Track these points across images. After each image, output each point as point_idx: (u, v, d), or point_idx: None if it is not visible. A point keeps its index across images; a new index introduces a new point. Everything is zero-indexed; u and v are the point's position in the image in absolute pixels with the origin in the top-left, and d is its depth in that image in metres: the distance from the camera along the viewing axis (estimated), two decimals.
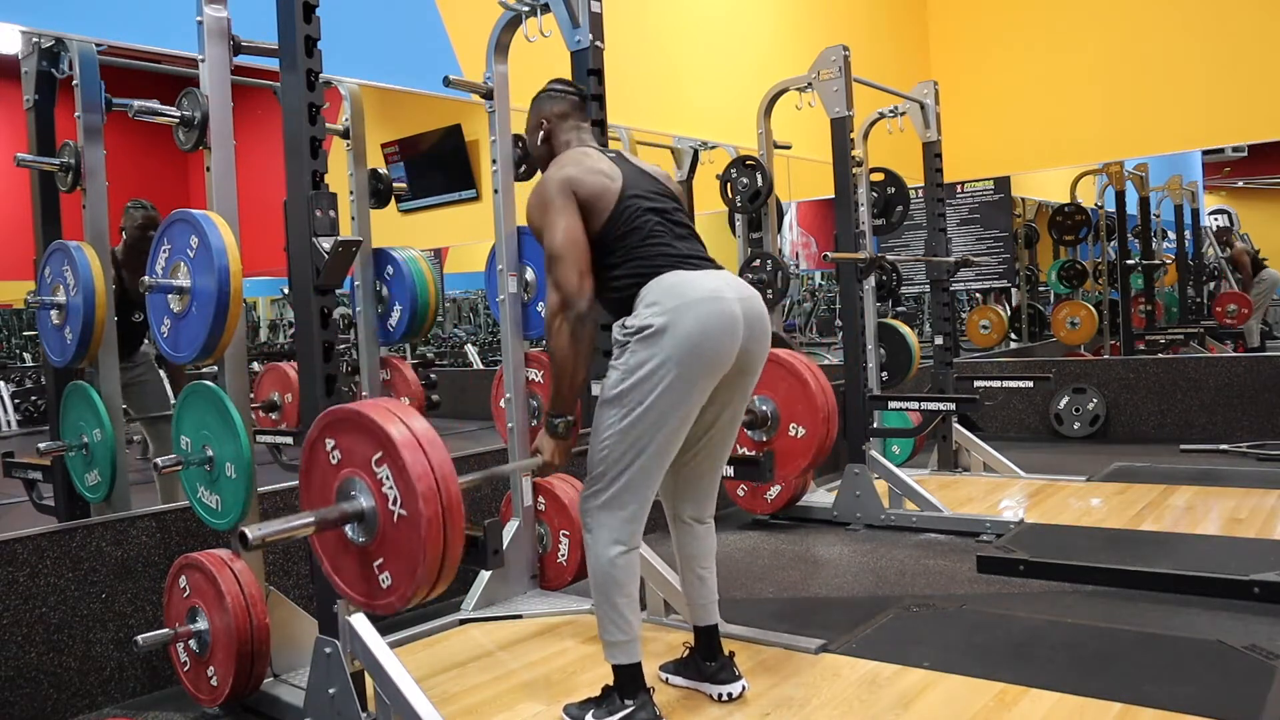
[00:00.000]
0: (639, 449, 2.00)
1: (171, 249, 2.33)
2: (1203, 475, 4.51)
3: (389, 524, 1.79)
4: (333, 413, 1.90)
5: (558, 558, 3.02)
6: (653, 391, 1.97)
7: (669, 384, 1.96)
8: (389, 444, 1.76)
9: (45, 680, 2.39)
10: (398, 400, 1.89)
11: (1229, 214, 12.85)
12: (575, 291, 2.02)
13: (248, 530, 1.73)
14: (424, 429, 1.79)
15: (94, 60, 2.76)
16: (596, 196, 2.10)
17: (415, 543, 1.74)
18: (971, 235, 7.41)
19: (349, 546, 1.88)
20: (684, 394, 1.99)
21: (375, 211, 3.30)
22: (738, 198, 4.49)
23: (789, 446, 3.63)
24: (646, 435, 1.99)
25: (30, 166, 2.82)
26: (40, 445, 2.85)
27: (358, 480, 1.84)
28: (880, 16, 6.25)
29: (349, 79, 3.21)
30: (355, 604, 1.94)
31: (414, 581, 1.76)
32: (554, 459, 2.17)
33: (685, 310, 1.97)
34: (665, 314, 1.97)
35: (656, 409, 1.98)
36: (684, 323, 1.96)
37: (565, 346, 2.03)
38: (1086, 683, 2.22)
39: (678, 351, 1.96)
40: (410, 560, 1.76)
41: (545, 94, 2.34)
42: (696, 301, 1.99)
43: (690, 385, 1.99)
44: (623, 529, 2.05)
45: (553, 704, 2.23)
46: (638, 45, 4.41)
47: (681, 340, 1.96)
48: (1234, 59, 5.60)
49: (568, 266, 2.03)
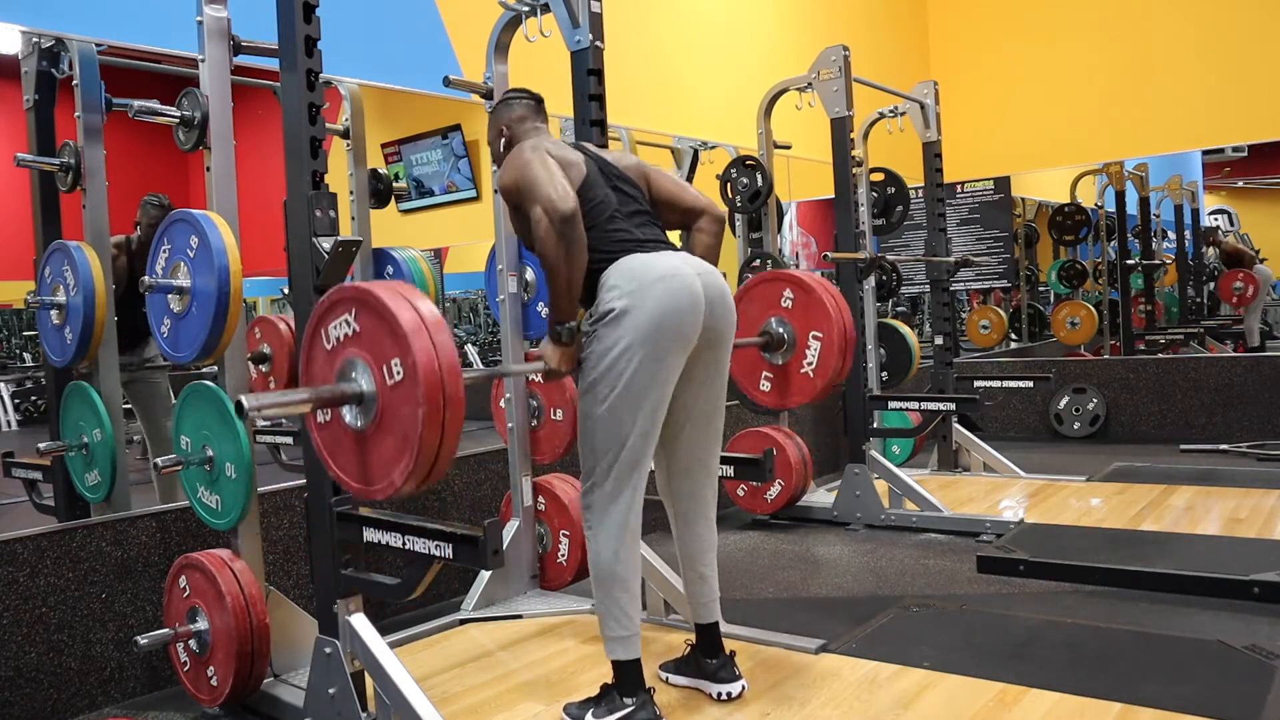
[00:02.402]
0: (623, 433, 2.04)
1: (171, 249, 2.33)
2: (1203, 475, 4.51)
3: (387, 405, 1.71)
4: (338, 291, 1.82)
5: (558, 558, 3.02)
6: (624, 373, 2.01)
7: (639, 363, 2.00)
8: (396, 325, 1.67)
9: (45, 680, 2.39)
10: (406, 285, 1.80)
11: (1229, 214, 12.85)
12: (558, 197, 1.99)
13: (244, 399, 1.67)
14: (430, 311, 1.71)
15: (94, 60, 2.76)
16: (568, 165, 2.14)
17: (413, 425, 1.66)
18: (971, 235, 7.41)
19: (346, 431, 1.81)
20: (654, 371, 2.02)
21: (375, 211, 3.30)
22: (738, 198, 4.50)
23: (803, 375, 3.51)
24: (628, 418, 2.03)
25: (30, 166, 2.82)
26: (40, 445, 2.85)
27: (358, 361, 1.76)
28: (880, 16, 6.25)
29: (349, 79, 3.22)
30: (349, 490, 1.86)
31: (411, 465, 1.68)
32: (560, 364, 2.14)
33: (645, 290, 2.01)
34: (625, 296, 2.01)
35: (632, 390, 2.01)
36: (645, 303, 2.00)
37: (555, 249, 2.00)
38: (1086, 683, 2.22)
39: (642, 330, 2.00)
40: (408, 443, 1.68)
41: (501, 103, 2.40)
42: (655, 280, 2.02)
43: (659, 362, 2.02)
44: (621, 521, 2.07)
45: (553, 704, 2.23)
46: (638, 45, 4.41)
47: (644, 319, 2.00)
48: (1234, 59, 5.60)
49: (544, 184, 2.02)
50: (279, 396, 1.76)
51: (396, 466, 1.72)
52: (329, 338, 1.83)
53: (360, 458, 1.80)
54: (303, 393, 1.78)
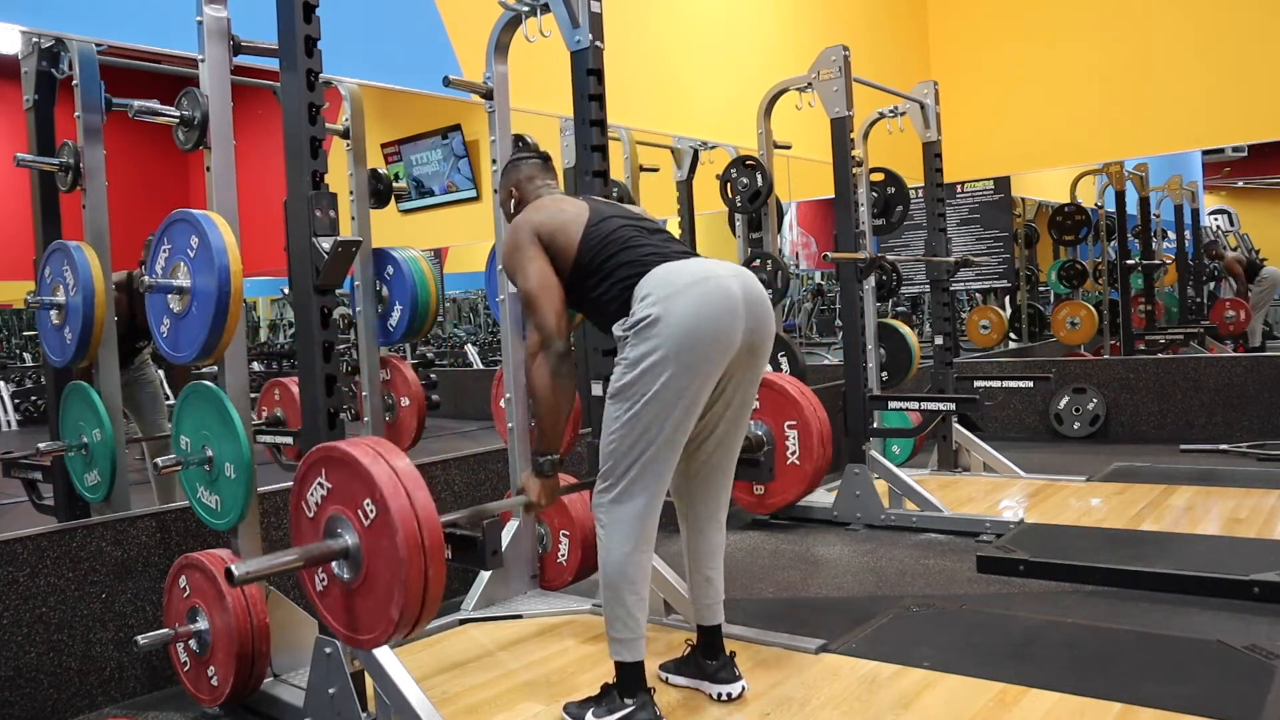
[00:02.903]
0: (647, 441, 1.99)
1: (171, 249, 2.33)
2: (1203, 475, 4.51)
3: (373, 560, 1.80)
4: (321, 450, 1.90)
5: (558, 557, 3.02)
6: (655, 381, 1.95)
7: (672, 373, 1.95)
8: (372, 484, 1.77)
9: (45, 680, 2.39)
10: (382, 440, 1.89)
11: (1229, 214, 12.86)
12: (554, 330, 2.08)
13: (233, 568, 1.76)
14: (407, 469, 1.80)
15: (94, 60, 2.76)
16: (559, 229, 2.17)
17: (397, 580, 1.74)
18: (971, 235, 7.41)
19: (335, 580, 1.89)
20: (687, 381, 1.97)
21: (375, 211, 3.30)
22: (738, 198, 4.50)
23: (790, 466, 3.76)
24: (654, 426, 1.98)
25: (30, 166, 2.82)
26: (40, 445, 2.85)
27: (343, 518, 1.84)
28: (880, 16, 6.25)
29: (349, 79, 3.21)
30: (340, 638, 1.95)
31: (396, 619, 1.77)
32: (539, 498, 2.26)
33: (677, 296, 1.97)
34: (658, 303, 1.97)
35: (660, 399, 1.96)
36: (678, 309, 1.95)
37: (547, 384, 2.09)
38: (1086, 683, 2.22)
39: (675, 338, 1.95)
40: (390, 598, 1.77)
41: (509, 165, 2.47)
42: (688, 285, 1.98)
43: (693, 371, 1.97)
44: (635, 524, 2.03)
45: (553, 704, 2.22)
46: (638, 45, 4.41)
47: (677, 326, 1.95)
48: (1234, 59, 5.60)
49: (543, 307, 2.10)
50: (271, 561, 1.83)
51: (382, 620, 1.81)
52: (309, 506, 1.92)
53: (347, 605, 1.88)
54: (293, 554, 1.85)
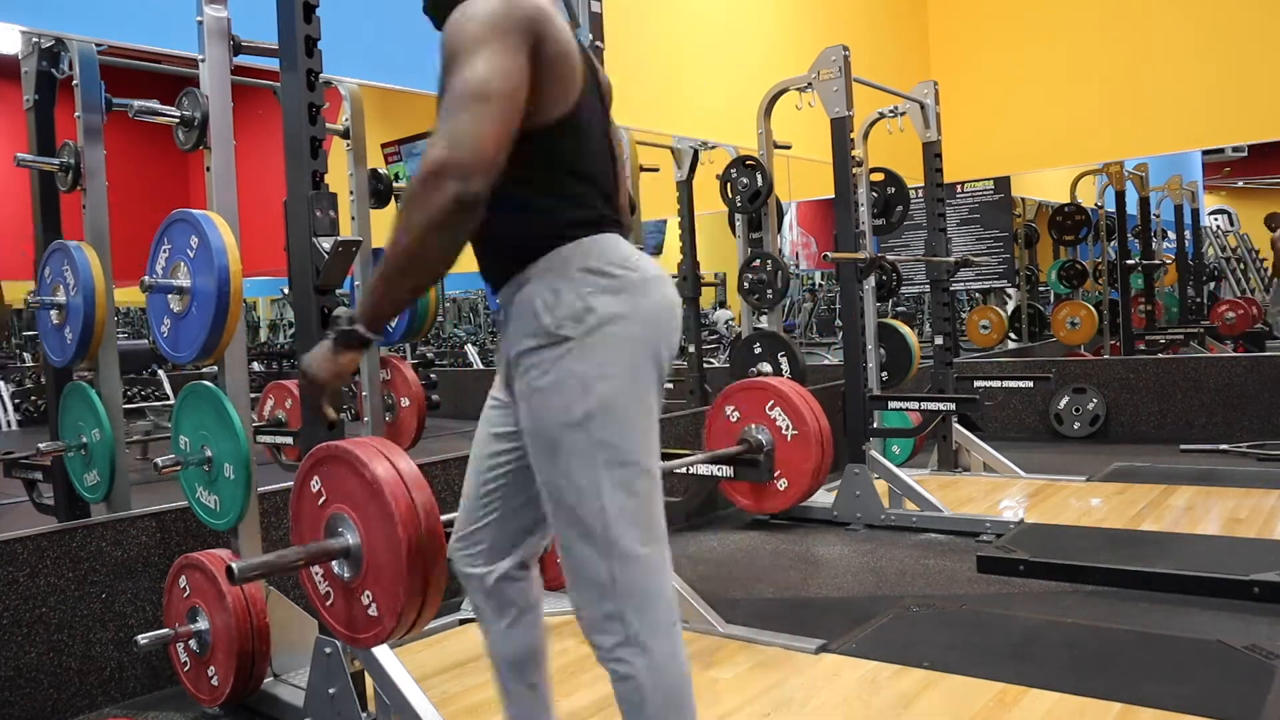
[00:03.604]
0: (645, 490, 1.45)
1: (171, 249, 2.33)
2: (1203, 475, 4.51)
3: (373, 560, 1.79)
4: (323, 449, 1.89)
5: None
6: (636, 400, 1.44)
7: (644, 386, 1.45)
8: (374, 483, 1.75)
9: (45, 680, 2.39)
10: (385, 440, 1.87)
11: (1229, 214, 12.86)
12: (482, 157, 1.28)
13: (234, 565, 1.75)
14: (409, 468, 1.78)
15: (94, 60, 2.76)
16: (564, 56, 1.42)
17: (397, 580, 1.74)
18: (971, 235, 7.41)
19: (336, 580, 1.88)
20: (657, 398, 1.48)
21: (375, 211, 3.31)
22: (738, 198, 4.49)
23: None
24: (643, 462, 1.45)
25: (30, 166, 2.81)
26: (40, 445, 2.85)
27: (344, 517, 1.83)
28: (880, 16, 6.25)
29: (349, 79, 3.21)
30: (340, 638, 1.94)
31: (396, 618, 1.76)
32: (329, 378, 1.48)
33: (639, 291, 1.45)
34: (621, 292, 1.43)
35: (640, 426, 1.44)
36: (641, 310, 1.44)
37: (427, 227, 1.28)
38: (1086, 683, 2.22)
39: (643, 342, 1.44)
40: (392, 599, 1.76)
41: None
42: (649, 280, 1.47)
43: (658, 385, 1.49)
44: (672, 618, 1.51)
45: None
46: (638, 45, 4.41)
47: (641, 335, 1.44)
48: (1234, 59, 5.60)
49: (485, 116, 1.29)
50: (271, 558, 1.81)
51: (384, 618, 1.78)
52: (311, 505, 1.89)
53: (348, 604, 1.86)
54: (295, 552, 1.83)
